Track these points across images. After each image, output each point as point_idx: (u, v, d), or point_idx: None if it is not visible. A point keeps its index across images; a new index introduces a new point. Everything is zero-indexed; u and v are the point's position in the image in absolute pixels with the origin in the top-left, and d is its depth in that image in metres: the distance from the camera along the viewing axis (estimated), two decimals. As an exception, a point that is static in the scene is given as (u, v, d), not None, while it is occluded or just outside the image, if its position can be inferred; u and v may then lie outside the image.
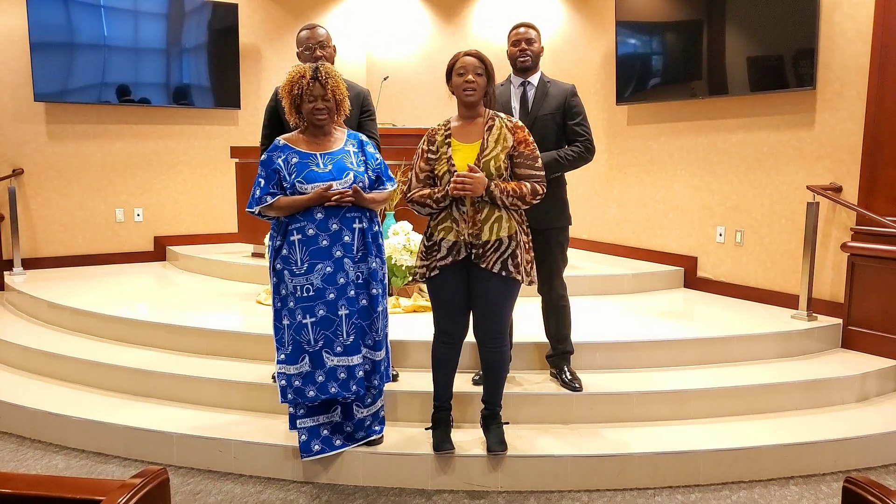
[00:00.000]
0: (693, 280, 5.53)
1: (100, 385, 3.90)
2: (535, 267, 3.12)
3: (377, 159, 3.15)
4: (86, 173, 6.39)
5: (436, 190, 2.96)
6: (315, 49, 3.50)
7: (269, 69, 7.12)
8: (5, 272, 5.80)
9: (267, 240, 4.94)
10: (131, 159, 6.58)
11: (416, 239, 4.43)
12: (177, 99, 6.63)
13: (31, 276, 5.80)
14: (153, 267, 6.44)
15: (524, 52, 3.47)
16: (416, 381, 3.58)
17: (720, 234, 5.32)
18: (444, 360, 3.13)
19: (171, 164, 6.77)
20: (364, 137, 3.19)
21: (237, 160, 5.91)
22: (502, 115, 3.07)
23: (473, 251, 2.93)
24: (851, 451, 3.35)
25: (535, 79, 3.53)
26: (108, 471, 3.31)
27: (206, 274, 5.89)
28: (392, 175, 3.19)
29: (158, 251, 6.71)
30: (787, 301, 4.75)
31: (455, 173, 2.87)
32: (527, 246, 3.04)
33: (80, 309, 4.59)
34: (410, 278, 3.26)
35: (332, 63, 3.47)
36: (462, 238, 2.93)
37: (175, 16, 6.51)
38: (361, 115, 3.54)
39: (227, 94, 6.84)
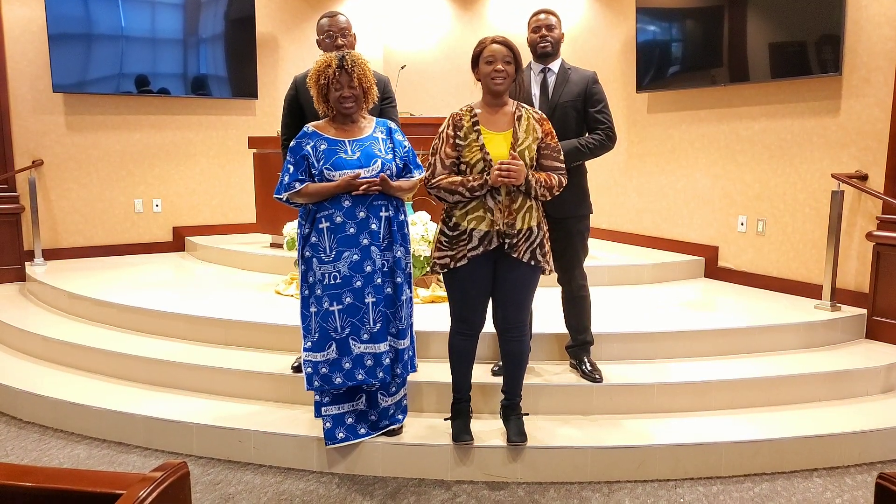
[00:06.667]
0: (714, 270, 5.47)
1: (120, 375, 3.93)
2: (551, 257, 3.11)
3: (405, 147, 3.13)
4: (105, 164, 6.42)
5: (470, 178, 2.87)
6: (336, 37, 3.46)
7: (286, 59, 7.11)
8: (26, 262, 5.85)
9: (286, 229, 4.95)
10: (150, 150, 6.60)
11: (434, 229, 4.40)
12: (194, 89, 6.64)
13: (51, 267, 5.85)
14: (172, 257, 6.47)
15: (544, 39, 3.43)
16: (435, 371, 3.57)
17: (742, 224, 5.25)
18: (463, 353, 3.11)
19: (190, 154, 6.79)
20: (392, 125, 3.17)
21: (255, 150, 5.92)
22: (526, 105, 3.04)
23: (507, 241, 2.90)
24: (876, 443, 3.30)
25: (555, 65, 3.49)
26: (129, 461, 3.33)
27: (225, 264, 5.91)
28: (420, 163, 3.16)
29: (177, 242, 6.74)
30: (810, 291, 4.68)
31: (499, 162, 2.82)
32: (547, 236, 3.03)
33: (100, 299, 4.61)
34: (428, 269, 3.20)
35: (353, 51, 3.45)
36: (497, 227, 2.89)
37: (192, 6, 6.51)
38: (382, 102, 3.50)
39: (244, 84, 6.83)
